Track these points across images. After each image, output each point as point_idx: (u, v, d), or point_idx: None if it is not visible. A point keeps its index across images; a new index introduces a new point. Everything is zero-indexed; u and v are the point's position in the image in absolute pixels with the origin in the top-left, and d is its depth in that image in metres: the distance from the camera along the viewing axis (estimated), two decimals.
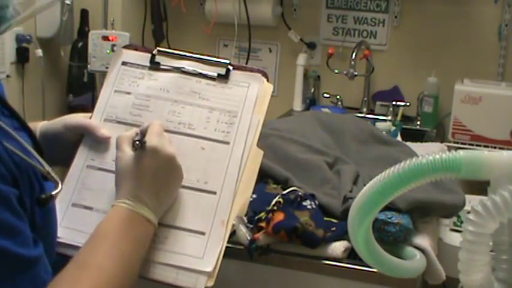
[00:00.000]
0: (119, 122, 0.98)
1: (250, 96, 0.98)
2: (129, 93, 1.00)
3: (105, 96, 1.00)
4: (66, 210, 0.94)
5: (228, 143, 0.95)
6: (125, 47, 1.07)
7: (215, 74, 1.00)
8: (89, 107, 2.62)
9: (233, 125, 0.96)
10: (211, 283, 0.88)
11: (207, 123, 0.96)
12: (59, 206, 0.91)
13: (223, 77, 1.00)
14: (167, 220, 0.91)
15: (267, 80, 1.00)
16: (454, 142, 2.31)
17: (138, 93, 1.00)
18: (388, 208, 1.24)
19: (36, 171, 0.79)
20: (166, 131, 0.93)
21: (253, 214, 1.17)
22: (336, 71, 2.56)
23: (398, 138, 2.18)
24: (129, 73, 1.01)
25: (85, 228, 0.90)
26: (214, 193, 0.93)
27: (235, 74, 1.00)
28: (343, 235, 1.23)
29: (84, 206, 0.94)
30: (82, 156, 0.97)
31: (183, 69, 1.01)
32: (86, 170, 0.96)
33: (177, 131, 0.96)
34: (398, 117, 2.45)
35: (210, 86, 0.99)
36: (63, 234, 0.91)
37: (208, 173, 0.93)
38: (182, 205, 0.92)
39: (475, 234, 0.58)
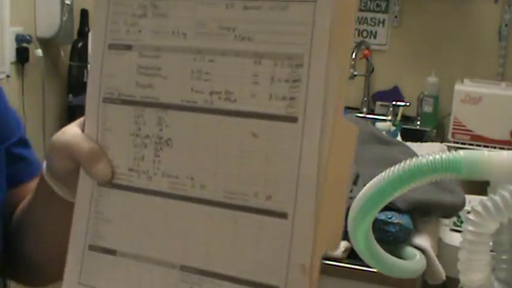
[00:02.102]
0: (124, 102, 0.59)
1: (321, 21, 0.51)
2: (129, 47, 0.59)
3: (98, 58, 0.61)
4: (83, 258, 0.61)
5: (294, 119, 0.52)
6: None
7: None
8: None
9: (299, 84, 0.52)
10: None
11: (256, 85, 0.53)
12: (73, 250, 0.61)
13: None
14: (213, 266, 0.54)
15: None
16: (454, 142, 2.31)
17: (143, 46, 0.59)
18: (388, 208, 1.24)
19: None
20: (193, 109, 0.56)
21: None
22: None
23: (398, 138, 2.18)
24: (122, 9, 0.60)
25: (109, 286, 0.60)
26: (285, 216, 0.52)
27: None
28: (343, 235, 1.23)
29: (104, 249, 0.59)
30: (87, 175, 0.62)
31: None
32: (97, 191, 0.60)
33: (209, 108, 0.55)
34: (398, 117, 2.45)
35: (251, 11, 0.54)
36: None
37: (269, 179, 0.53)
38: (234, 238, 0.54)
39: (475, 234, 0.58)
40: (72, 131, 0.62)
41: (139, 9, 0.59)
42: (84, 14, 2.60)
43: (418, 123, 2.57)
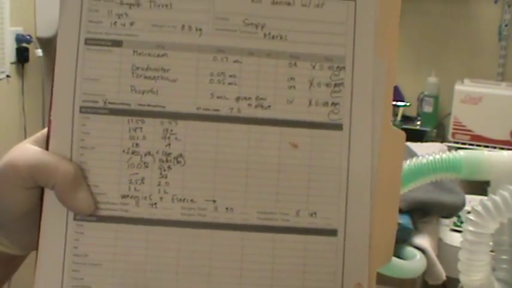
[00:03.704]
0: (113, 112, 0.47)
1: (364, 19, 0.49)
2: (118, 43, 0.47)
3: (69, 57, 0.47)
4: None
5: (339, 127, 0.48)
6: None
7: None
8: None
9: (342, 88, 0.48)
10: None
11: (292, 90, 0.48)
12: None
13: None
14: None
15: None
16: (454, 142, 2.31)
17: (139, 42, 0.47)
18: None
19: None
20: (214, 119, 0.47)
21: None
22: None
23: None
24: None
25: None
26: (334, 233, 0.48)
27: None
28: None
29: None
30: (56, 207, 0.46)
31: None
32: (75, 228, 0.46)
33: (236, 116, 0.47)
34: (399, 117, 2.45)
35: (281, 6, 0.48)
36: None
37: (314, 194, 0.48)
38: (275, 265, 0.48)
39: (475, 234, 0.58)
40: (33, 149, 0.45)
41: None
42: None
43: (418, 123, 2.57)
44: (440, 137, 2.41)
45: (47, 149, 0.46)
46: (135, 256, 0.46)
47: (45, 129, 0.46)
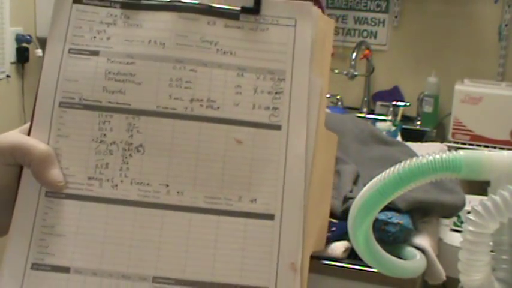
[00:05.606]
0: (87, 107, 0.55)
1: (301, 42, 0.58)
2: (95, 52, 0.57)
3: (54, 62, 0.57)
4: (22, 279, 0.53)
5: (278, 127, 0.56)
6: None
7: (237, 8, 0.58)
8: None
9: (281, 96, 0.57)
10: None
11: (238, 95, 0.56)
12: (8, 272, 0.53)
13: (252, 12, 0.58)
14: (192, 274, 0.53)
15: (322, 12, 0.60)
16: (454, 142, 2.31)
17: (113, 52, 0.57)
18: (388, 208, 1.24)
19: None
20: (171, 116, 0.55)
21: None
22: (336, 71, 2.56)
23: (399, 138, 2.18)
24: (88, 17, 0.58)
25: None
26: (271, 217, 0.55)
27: (270, 5, 0.59)
28: (343, 235, 1.23)
29: (53, 267, 0.53)
30: (31, 184, 0.54)
31: (183, 4, 0.58)
32: (45, 203, 0.54)
33: (189, 115, 0.55)
34: (399, 117, 2.45)
35: (232, 29, 0.58)
36: None
37: (254, 183, 0.55)
38: (217, 243, 0.54)
39: (475, 234, 0.58)
40: (16, 134, 0.54)
41: (108, 17, 0.58)
42: None
43: (418, 123, 2.58)
44: (440, 137, 2.41)
45: (28, 135, 0.54)
46: (95, 230, 0.53)
47: (29, 123, 0.55)
